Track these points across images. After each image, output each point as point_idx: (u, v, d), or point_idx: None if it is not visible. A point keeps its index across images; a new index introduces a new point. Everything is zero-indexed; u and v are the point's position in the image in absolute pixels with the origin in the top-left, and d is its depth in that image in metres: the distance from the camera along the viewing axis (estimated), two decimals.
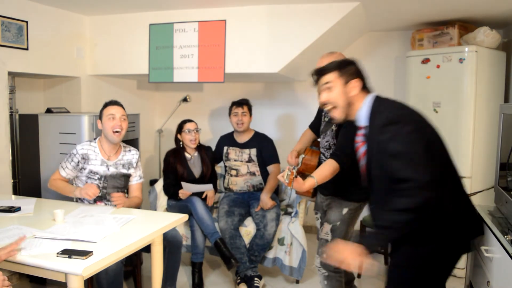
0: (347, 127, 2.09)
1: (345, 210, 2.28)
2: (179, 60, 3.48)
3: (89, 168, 2.50)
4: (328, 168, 2.07)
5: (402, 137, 1.48)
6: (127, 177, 2.63)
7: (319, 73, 1.73)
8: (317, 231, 2.45)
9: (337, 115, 1.70)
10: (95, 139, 2.61)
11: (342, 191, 2.27)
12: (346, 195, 2.28)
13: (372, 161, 1.64)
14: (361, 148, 1.72)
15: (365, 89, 1.70)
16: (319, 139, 2.53)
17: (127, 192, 2.70)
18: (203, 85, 4.51)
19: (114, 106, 2.55)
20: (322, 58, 2.29)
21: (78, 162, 2.51)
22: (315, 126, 2.58)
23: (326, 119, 2.37)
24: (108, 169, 2.54)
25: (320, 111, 2.55)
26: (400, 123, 1.51)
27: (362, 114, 1.67)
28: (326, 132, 2.34)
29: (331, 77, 1.69)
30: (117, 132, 2.49)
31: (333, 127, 2.28)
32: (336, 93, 1.68)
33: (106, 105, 2.57)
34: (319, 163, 2.35)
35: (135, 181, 2.68)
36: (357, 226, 2.66)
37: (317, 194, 2.49)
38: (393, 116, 1.54)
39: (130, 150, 2.67)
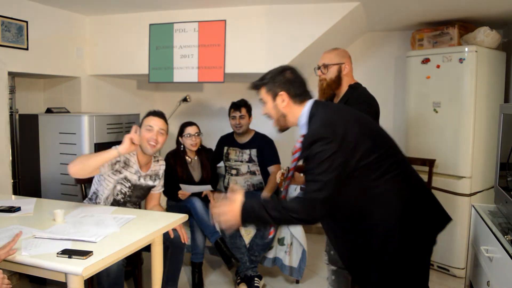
0: None
1: None
2: (179, 60, 3.48)
3: (125, 174, 2.44)
4: None
5: (320, 155, 1.50)
6: (150, 188, 2.61)
7: (254, 88, 1.76)
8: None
9: (275, 125, 1.75)
10: None
11: None
12: None
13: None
14: (296, 154, 1.72)
15: (300, 96, 1.68)
16: None
17: (142, 202, 2.68)
18: (203, 85, 4.51)
19: (155, 117, 2.48)
20: (324, 54, 2.29)
21: (118, 162, 2.40)
22: None
23: None
24: (139, 179, 2.51)
25: None
26: (323, 140, 1.51)
27: (301, 124, 1.68)
28: None
29: (261, 93, 1.72)
30: (151, 144, 2.42)
31: None
32: (268, 107, 1.71)
33: (148, 114, 2.52)
34: None
35: (158, 191, 2.66)
36: None
37: None
38: (317, 133, 1.55)
39: (158, 161, 2.63)
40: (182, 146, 3.19)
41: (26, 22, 3.12)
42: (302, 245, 2.95)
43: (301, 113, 1.67)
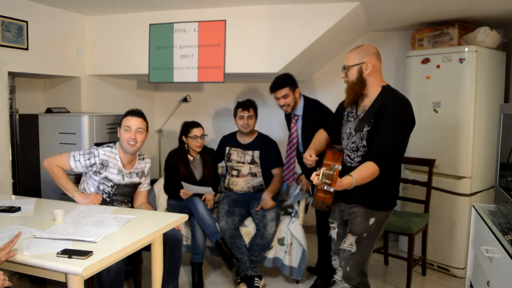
0: (387, 128, 1.94)
1: (372, 220, 2.06)
2: (179, 60, 3.48)
3: (105, 174, 2.49)
4: (368, 170, 1.89)
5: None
6: (137, 185, 2.65)
7: None
8: (332, 241, 2.29)
9: None
10: (114, 143, 2.59)
11: (369, 199, 2.06)
12: (373, 204, 2.07)
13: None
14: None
15: None
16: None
17: (132, 198, 2.72)
18: (203, 85, 4.51)
19: (132, 117, 2.53)
20: (348, 53, 2.12)
21: (94, 164, 2.48)
22: (332, 127, 2.33)
23: (352, 119, 2.14)
24: (123, 178, 2.55)
25: (340, 111, 2.29)
26: None
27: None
28: (352, 133, 2.10)
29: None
30: (130, 144, 2.48)
31: (366, 128, 2.04)
32: None
33: (126, 114, 2.56)
34: (343, 165, 2.11)
35: (144, 188, 2.72)
36: None
37: (337, 202, 2.23)
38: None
39: (143, 158, 2.68)
40: (186, 146, 3.19)
41: (26, 22, 3.12)
42: (302, 245, 2.95)
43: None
